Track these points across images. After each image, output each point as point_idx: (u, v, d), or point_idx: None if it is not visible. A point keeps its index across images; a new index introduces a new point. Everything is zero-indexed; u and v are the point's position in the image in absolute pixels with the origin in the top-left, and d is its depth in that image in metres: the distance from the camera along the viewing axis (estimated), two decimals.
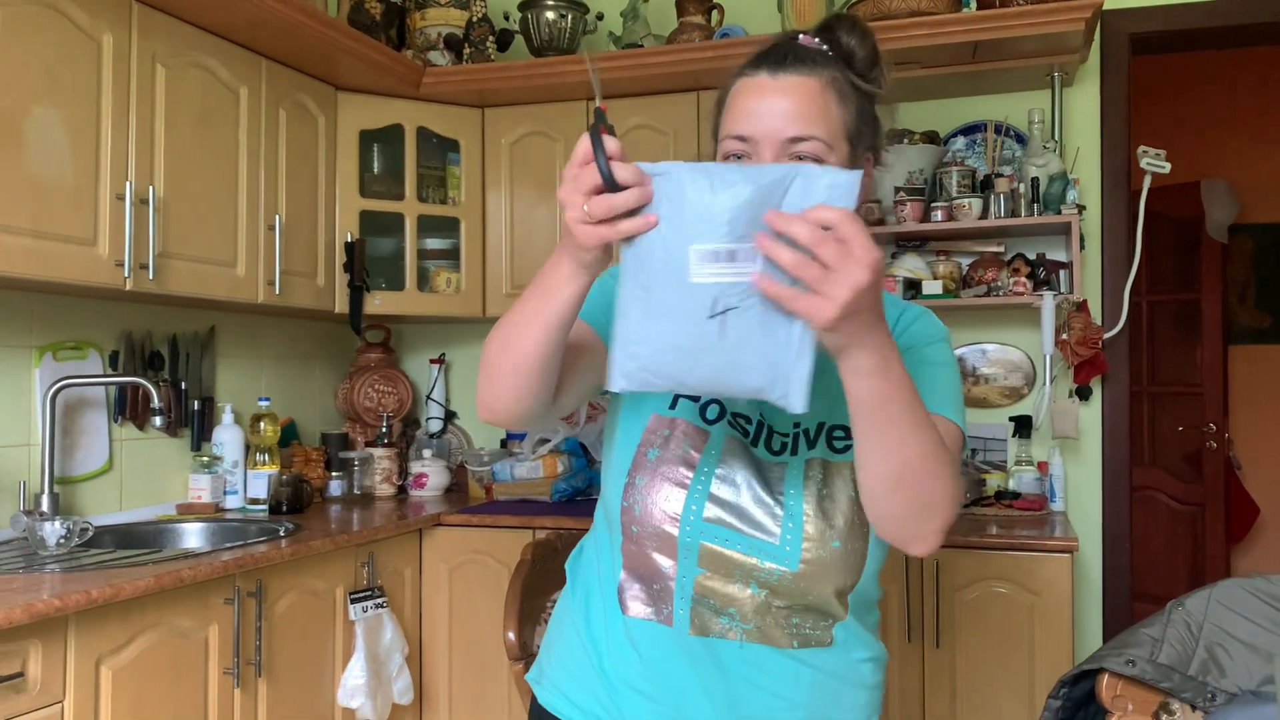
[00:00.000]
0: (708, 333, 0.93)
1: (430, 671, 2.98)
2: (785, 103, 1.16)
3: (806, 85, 1.16)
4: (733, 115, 1.19)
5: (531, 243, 3.34)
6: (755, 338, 0.93)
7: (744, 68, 1.21)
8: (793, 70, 1.17)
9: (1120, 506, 3.12)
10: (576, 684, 1.29)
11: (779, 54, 1.19)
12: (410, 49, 3.29)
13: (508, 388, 1.11)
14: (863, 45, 1.22)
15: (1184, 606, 1.35)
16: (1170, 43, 3.33)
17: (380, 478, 3.38)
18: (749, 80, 1.19)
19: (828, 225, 0.89)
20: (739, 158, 1.17)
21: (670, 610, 1.21)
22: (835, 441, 1.23)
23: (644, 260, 0.95)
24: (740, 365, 0.94)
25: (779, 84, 1.17)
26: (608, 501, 1.29)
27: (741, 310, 0.92)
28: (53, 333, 2.57)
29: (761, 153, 1.16)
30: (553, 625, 1.41)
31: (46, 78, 2.16)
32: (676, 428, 1.24)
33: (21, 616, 1.69)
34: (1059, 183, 2.92)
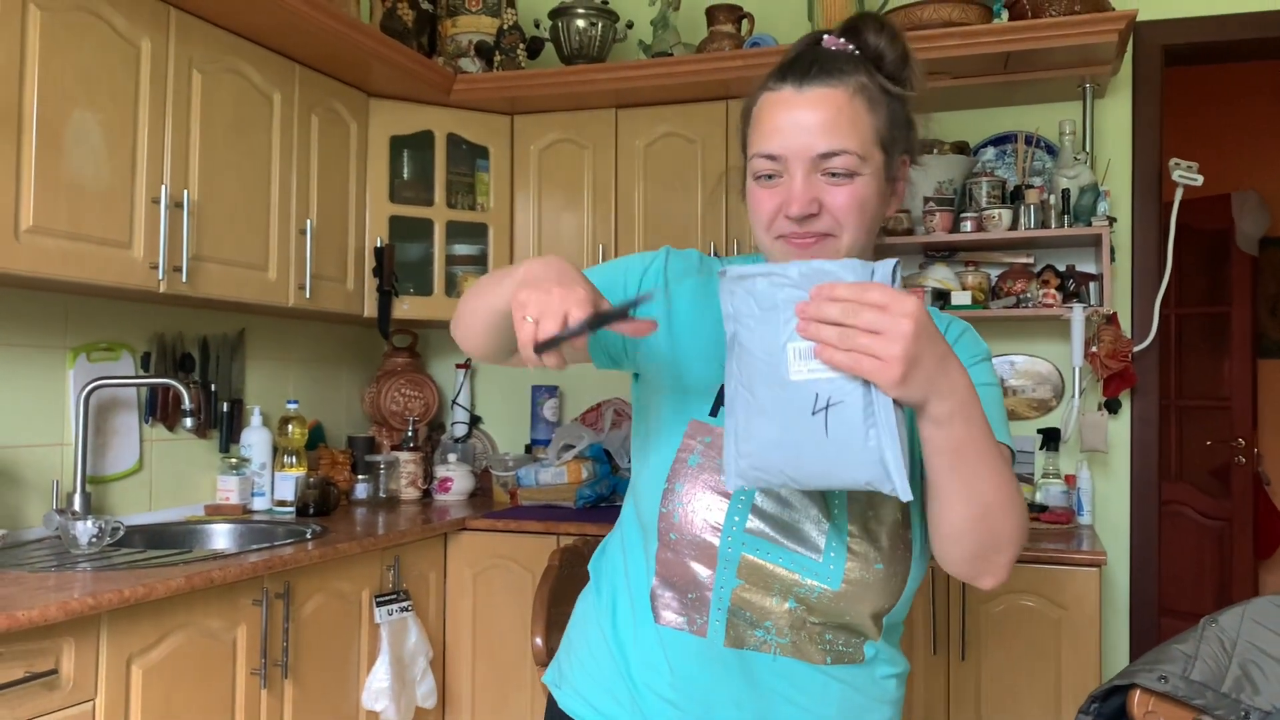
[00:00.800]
0: (813, 430, 0.94)
1: (454, 676, 2.99)
2: (813, 117, 1.13)
3: (834, 96, 1.13)
4: (760, 132, 1.17)
5: (559, 249, 3.35)
6: (859, 432, 0.93)
7: (769, 80, 1.18)
8: (819, 82, 1.14)
9: (1148, 521, 3.09)
10: (599, 688, 1.28)
11: (804, 64, 1.15)
12: (441, 56, 3.31)
13: (478, 340, 1.22)
14: (892, 46, 1.19)
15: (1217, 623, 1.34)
16: (1203, 55, 3.31)
17: (406, 481, 3.40)
18: (774, 95, 1.16)
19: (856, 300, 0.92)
20: (769, 177, 1.15)
21: (705, 621, 1.19)
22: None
23: (746, 361, 0.98)
24: (847, 460, 0.94)
25: (805, 98, 1.14)
26: (641, 506, 1.27)
27: (844, 405, 0.93)
28: (86, 334, 2.60)
29: (793, 170, 1.13)
30: (573, 626, 1.38)
31: (85, 83, 2.19)
32: (718, 434, 1.20)
33: (57, 614, 1.72)
34: (1090, 194, 2.91)
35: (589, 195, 3.32)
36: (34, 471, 2.44)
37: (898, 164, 1.19)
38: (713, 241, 3.16)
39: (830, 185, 1.13)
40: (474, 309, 1.20)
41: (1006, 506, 1.05)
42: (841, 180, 1.13)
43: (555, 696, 1.34)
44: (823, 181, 1.13)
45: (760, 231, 1.19)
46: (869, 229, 1.17)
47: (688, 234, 3.20)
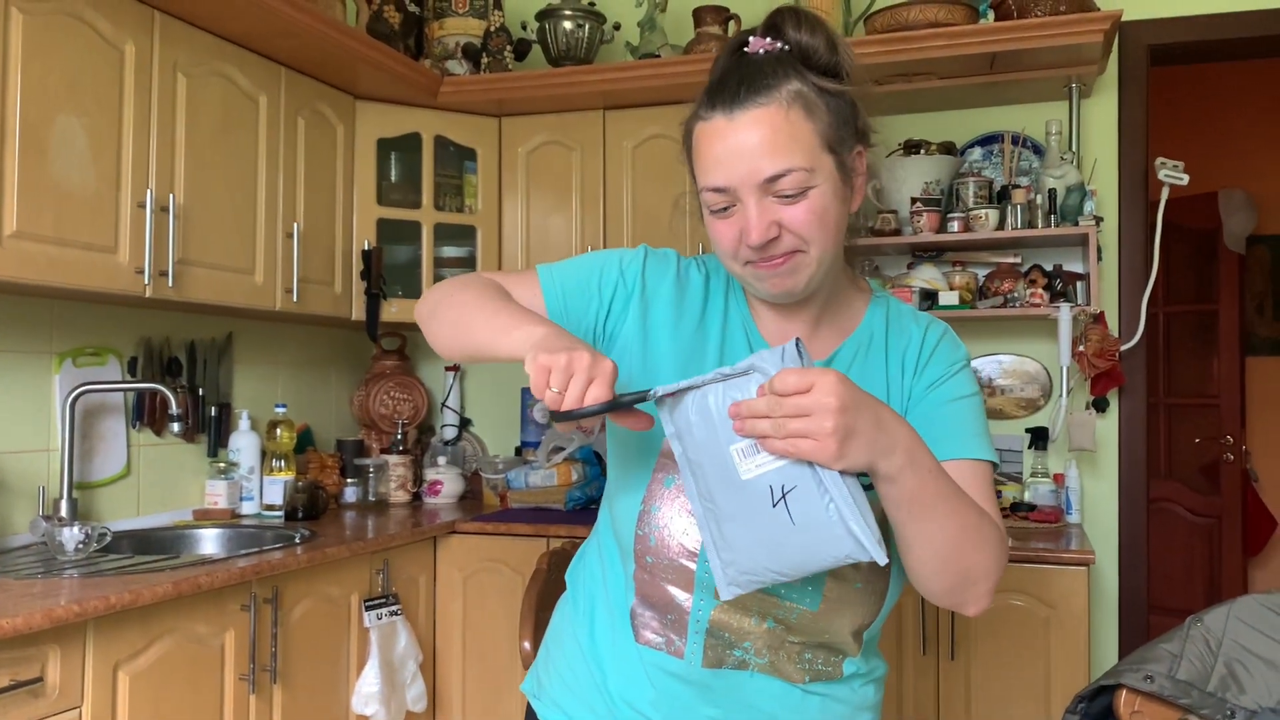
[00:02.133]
0: (780, 521, 0.96)
1: (444, 679, 2.99)
2: (750, 141, 1.09)
3: (768, 115, 1.09)
4: (702, 165, 1.14)
5: (547, 251, 3.35)
6: (819, 510, 0.95)
7: (700, 107, 1.14)
8: (749, 103, 1.09)
9: (1137, 519, 3.10)
10: (577, 701, 1.27)
11: (731, 87, 1.11)
12: (428, 58, 3.30)
13: (449, 349, 1.21)
14: (814, 36, 1.13)
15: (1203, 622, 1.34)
16: (1189, 54, 3.32)
17: (395, 485, 3.39)
18: (707, 125, 1.12)
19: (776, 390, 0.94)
20: (724, 209, 1.13)
21: (683, 643, 1.18)
22: (862, 477, 1.21)
23: (699, 474, 1.00)
24: (820, 540, 0.96)
25: (738, 123, 1.09)
26: (619, 525, 1.25)
27: (798, 490, 0.96)
28: (73, 339, 2.59)
29: (744, 199, 1.10)
30: (551, 636, 1.37)
31: (69, 87, 2.18)
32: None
33: (41, 621, 1.71)
34: (1076, 194, 2.91)
35: (577, 197, 3.32)
36: (20, 478, 2.43)
37: (852, 159, 1.15)
38: (701, 244, 3.16)
39: (785, 205, 1.10)
40: (456, 325, 1.18)
41: (976, 542, 1.06)
42: (795, 198, 1.10)
43: (534, 707, 1.33)
44: (776, 203, 1.10)
45: (727, 261, 1.18)
46: (835, 236, 1.15)
47: (677, 235, 3.19)
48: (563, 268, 1.27)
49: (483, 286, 1.19)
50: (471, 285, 1.20)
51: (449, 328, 1.19)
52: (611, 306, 1.24)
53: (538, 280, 1.25)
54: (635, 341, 1.23)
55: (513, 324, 1.09)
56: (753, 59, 1.13)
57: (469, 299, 1.17)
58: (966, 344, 1.29)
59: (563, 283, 1.25)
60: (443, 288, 1.24)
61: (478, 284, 1.20)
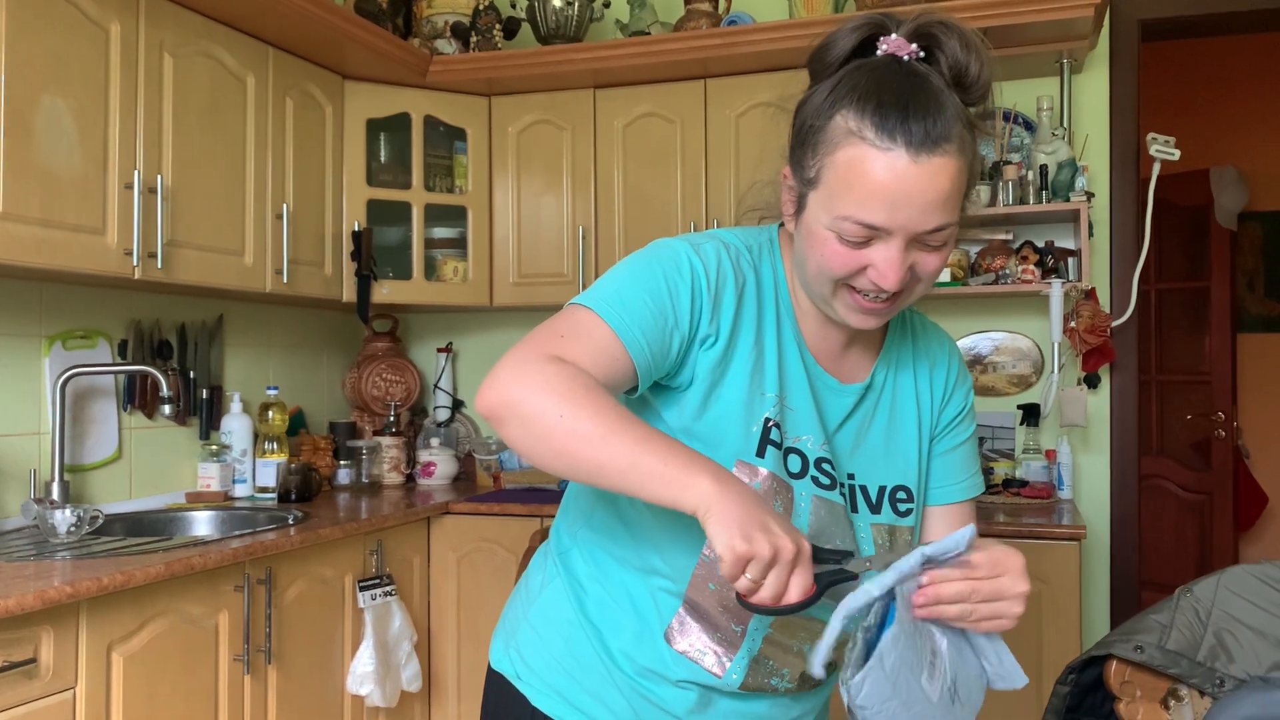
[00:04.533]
0: (953, 711, 1.04)
1: (439, 659, 2.99)
2: (931, 194, 1.00)
3: (949, 167, 1.01)
4: (857, 196, 1.01)
5: (539, 231, 3.34)
6: (973, 678, 1.06)
7: (867, 125, 1.00)
8: (936, 150, 1.00)
9: (1128, 495, 3.12)
10: (585, 693, 1.22)
11: (914, 121, 0.99)
12: (417, 37, 3.28)
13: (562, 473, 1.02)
14: (976, 62, 1.04)
15: (1192, 593, 1.35)
16: (1180, 29, 3.31)
17: (388, 466, 3.39)
18: (881, 155, 1.00)
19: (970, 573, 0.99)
20: (859, 243, 1.04)
21: (728, 661, 1.17)
22: (899, 504, 1.21)
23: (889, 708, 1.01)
24: (973, 700, 1.07)
25: (922, 169, 1.00)
26: (666, 553, 1.17)
27: (960, 674, 1.04)
28: (62, 321, 2.58)
29: (892, 243, 1.03)
30: (540, 617, 1.27)
31: (54, 67, 2.17)
32: (764, 478, 1.12)
33: (33, 603, 1.70)
34: (1067, 170, 2.91)
35: (568, 176, 3.31)
36: (11, 461, 2.42)
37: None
38: (693, 222, 3.15)
39: (923, 253, 1.06)
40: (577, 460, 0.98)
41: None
42: (936, 249, 1.06)
43: (524, 692, 1.25)
44: (917, 249, 1.05)
45: (820, 279, 1.09)
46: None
47: (668, 214, 3.19)
48: (628, 294, 1.08)
49: (587, 397, 0.99)
50: (573, 398, 0.98)
51: (565, 461, 0.99)
52: (693, 340, 1.12)
53: (610, 332, 1.06)
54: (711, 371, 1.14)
55: (672, 474, 0.94)
56: (922, 80, 1.02)
57: (585, 428, 0.97)
58: (959, 321, 1.31)
59: (641, 330, 1.07)
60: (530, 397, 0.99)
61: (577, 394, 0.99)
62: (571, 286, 3.28)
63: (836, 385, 1.19)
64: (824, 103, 1.05)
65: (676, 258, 1.11)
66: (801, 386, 1.16)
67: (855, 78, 1.04)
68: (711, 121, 3.15)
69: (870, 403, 1.22)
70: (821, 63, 1.09)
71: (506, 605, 1.38)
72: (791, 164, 1.10)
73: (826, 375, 1.19)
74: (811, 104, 1.07)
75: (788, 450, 1.14)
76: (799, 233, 1.11)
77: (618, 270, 1.13)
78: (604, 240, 3.27)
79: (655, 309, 1.08)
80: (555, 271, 3.32)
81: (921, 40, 1.05)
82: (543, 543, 1.37)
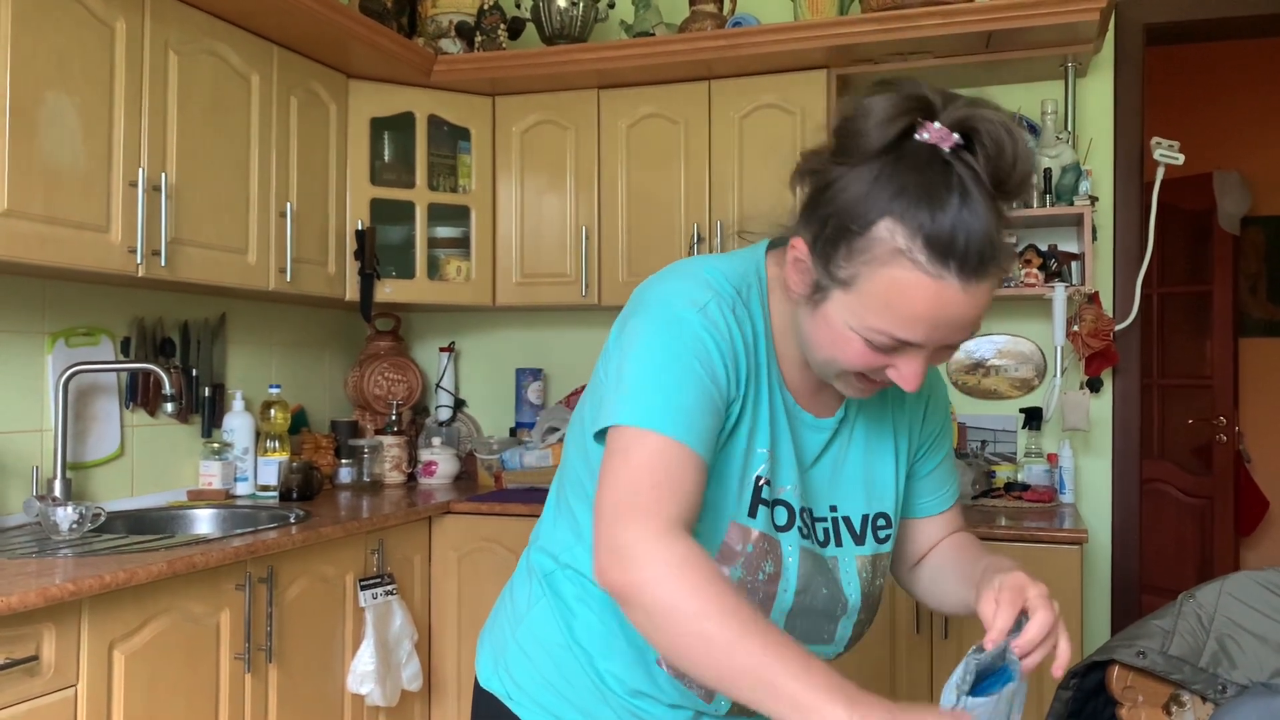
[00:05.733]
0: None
1: (439, 659, 2.99)
2: (969, 315, 0.99)
3: (989, 289, 0.99)
4: (899, 314, 0.98)
5: (542, 231, 3.34)
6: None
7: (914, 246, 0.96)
8: (985, 275, 0.97)
9: (1130, 499, 3.11)
10: (573, 709, 1.22)
11: (972, 250, 0.95)
12: (421, 37, 3.28)
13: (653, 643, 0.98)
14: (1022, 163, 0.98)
15: (1195, 598, 1.35)
16: (1184, 33, 3.31)
17: (389, 465, 3.39)
18: (932, 284, 0.96)
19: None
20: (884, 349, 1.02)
21: (715, 694, 1.17)
22: (879, 532, 1.22)
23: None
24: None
25: (969, 296, 0.97)
26: None
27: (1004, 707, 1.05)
28: (65, 319, 2.58)
29: (921, 352, 1.03)
30: (527, 635, 1.26)
31: (59, 64, 2.17)
32: (753, 540, 1.12)
33: (36, 600, 1.71)
34: (1071, 174, 2.91)
35: (572, 177, 3.31)
36: (14, 458, 2.43)
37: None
38: (696, 224, 3.15)
39: (939, 352, 1.05)
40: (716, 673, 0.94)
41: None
42: (951, 349, 1.05)
43: (516, 712, 1.25)
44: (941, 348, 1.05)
45: (832, 366, 1.07)
46: None
47: (671, 215, 3.19)
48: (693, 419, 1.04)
49: (715, 596, 0.94)
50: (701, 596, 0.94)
51: (688, 661, 0.95)
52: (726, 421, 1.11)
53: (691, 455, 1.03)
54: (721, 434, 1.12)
55: (801, 697, 0.88)
56: (968, 189, 0.96)
57: (713, 633, 0.93)
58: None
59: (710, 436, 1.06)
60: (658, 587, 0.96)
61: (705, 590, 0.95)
62: (574, 286, 3.28)
63: (813, 421, 1.18)
64: (863, 201, 0.98)
65: (700, 340, 1.06)
66: (784, 433, 1.15)
67: (900, 178, 0.97)
68: (715, 123, 3.15)
69: (845, 434, 1.21)
70: (854, 140, 1.00)
71: (491, 615, 1.36)
72: (814, 251, 1.03)
73: (804, 413, 1.18)
74: (847, 196, 0.99)
75: (775, 503, 1.13)
76: (812, 318, 1.06)
77: (653, 365, 1.05)
78: (607, 241, 3.27)
79: (710, 408, 1.05)
80: (558, 271, 3.32)
81: (962, 128, 0.98)
82: (525, 551, 1.34)
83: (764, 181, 3.07)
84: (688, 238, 3.16)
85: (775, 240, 1.18)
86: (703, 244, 3.14)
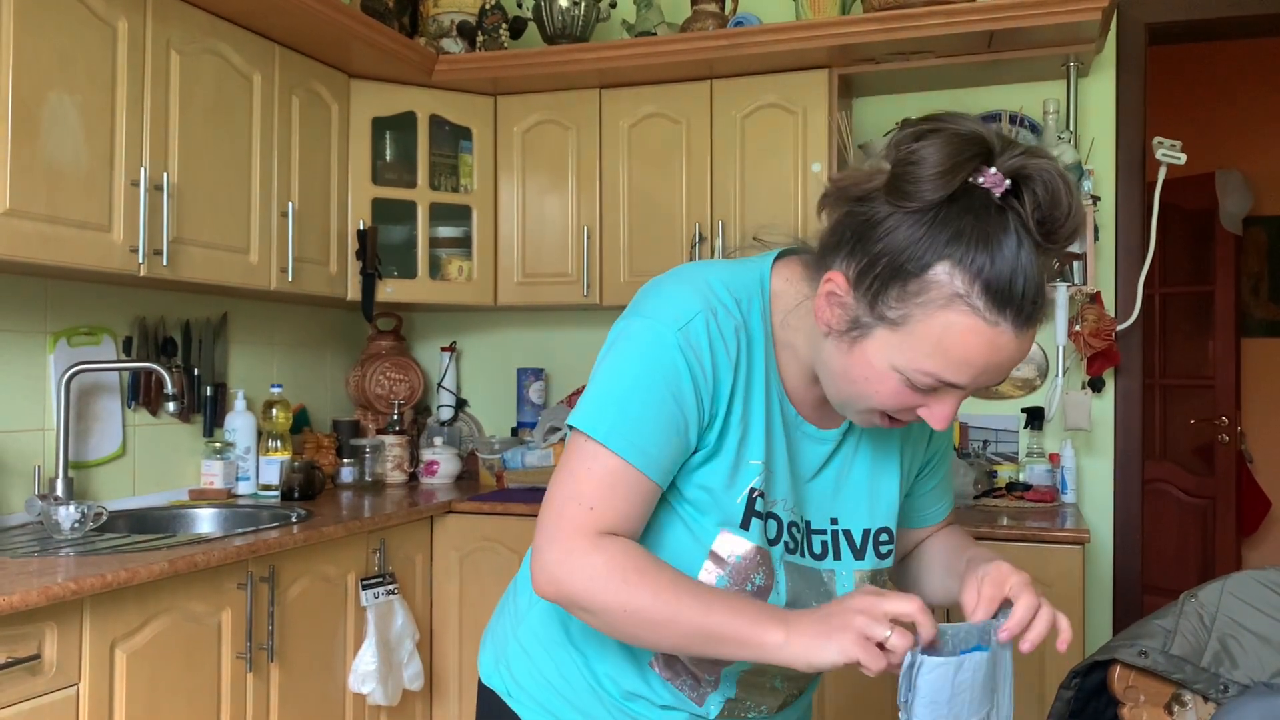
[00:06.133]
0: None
1: (441, 658, 3.00)
2: (1015, 359, 1.00)
3: (1035, 334, 1.01)
4: (950, 358, 0.98)
5: (543, 231, 3.34)
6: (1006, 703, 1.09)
7: (973, 291, 0.96)
8: (1035, 323, 1.00)
9: (1132, 499, 3.11)
10: (571, 708, 1.24)
11: (1028, 299, 0.97)
12: (423, 36, 3.28)
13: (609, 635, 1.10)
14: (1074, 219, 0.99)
15: (1196, 598, 1.35)
16: (1186, 33, 3.31)
17: (391, 465, 3.39)
18: (988, 330, 0.97)
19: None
20: (921, 390, 1.03)
21: (706, 694, 1.19)
22: (881, 547, 1.22)
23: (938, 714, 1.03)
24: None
25: (1020, 343, 0.99)
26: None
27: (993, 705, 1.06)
28: (67, 318, 2.58)
29: (957, 394, 1.04)
30: (528, 635, 1.28)
31: (61, 64, 2.17)
32: (744, 551, 1.12)
33: (38, 599, 1.71)
34: (1073, 173, 2.91)
35: (573, 176, 3.31)
36: (16, 457, 2.43)
37: None
38: (697, 223, 3.15)
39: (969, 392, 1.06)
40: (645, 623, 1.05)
41: None
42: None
43: (515, 709, 1.27)
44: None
45: (859, 404, 1.07)
46: None
47: (673, 215, 3.19)
48: (644, 437, 1.07)
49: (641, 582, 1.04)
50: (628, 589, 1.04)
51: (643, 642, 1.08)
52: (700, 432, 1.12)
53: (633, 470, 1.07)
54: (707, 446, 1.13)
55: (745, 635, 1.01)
56: (1019, 238, 0.97)
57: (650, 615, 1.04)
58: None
59: (660, 454, 1.09)
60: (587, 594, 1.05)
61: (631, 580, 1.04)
62: (575, 286, 3.28)
63: (815, 432, 1.18)
64: (919, 243, 0.97)
65: (674, 365, 1.07)
66: (780, 446, 1.15)
67: (956, 221, 0.97)
68: (717, 122, 3.15)
69: (850, 446, 1.20)
70: (910, 185, 0.98)
71: (495, 613, 1.39)
72: (857, 288, 1.02)
73: (806, 424, 1.17)
74: (900, 236, 0.98)
75: (767, 516, 1.14)
76: (847, 354, 1.05)
77: (618, 384, 1.09)
78: (608, 240, 3.27)
79: (668, 428, 1.08)
80: (559, 271, 3.32)
81: (1016, 176, 0.98)
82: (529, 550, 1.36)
83: (765, 181, 3.07)
84: (689, 237, 3.16)
85: (784, 251, 1.18)
86: (704, 244, 3.14)
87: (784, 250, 1.18)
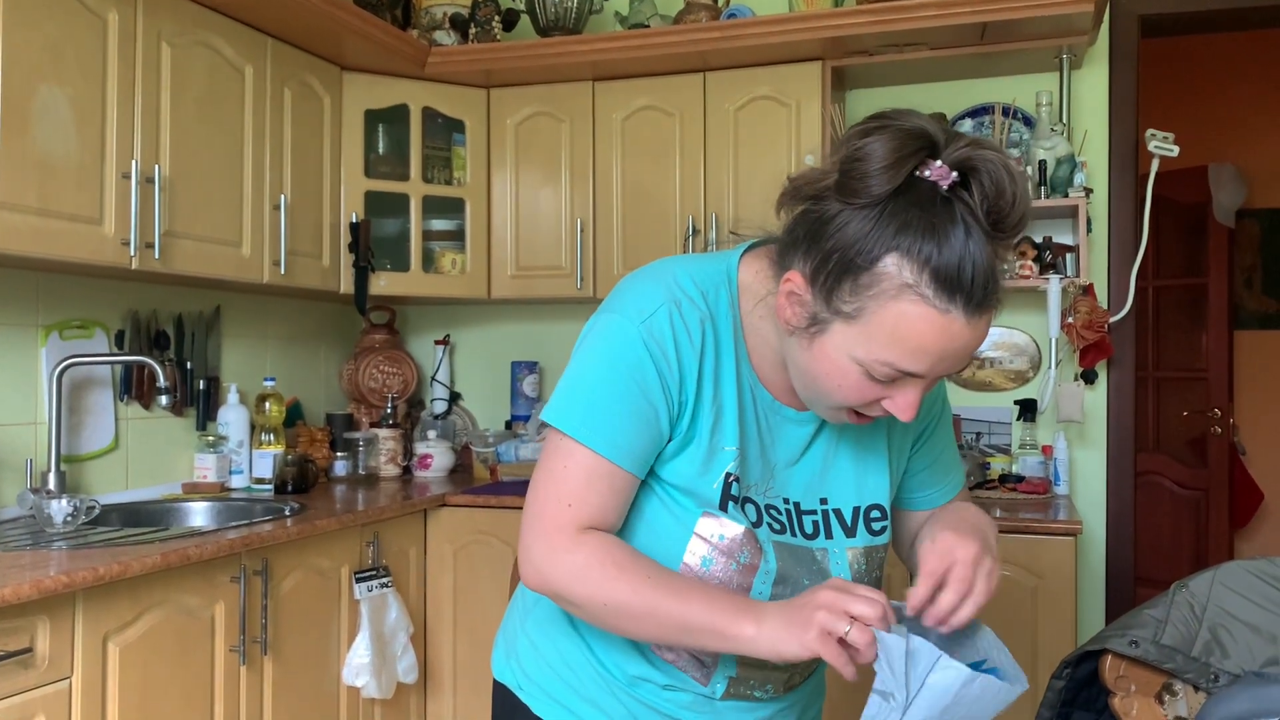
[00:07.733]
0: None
1: (435, 651, 3.00)
2: (970, 347, 1.02)
3: (989, 320, 1.02)
4: (906, 347, 1.00)
5: (537, 224, 3.34)
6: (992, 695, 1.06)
7: (921, 280, 0.98)
8: (987, 309, 1.01)
9: (1124, 491, 3.12)
10: (581, 700, 1.24)
11: (977, 284, 0.98)
12: (416, 29, 3.27)
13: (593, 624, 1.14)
14: (1020, 205, 1.00)
15: (1187, 588, 1.35)
16: (1179, 25, 3.31)
17: (385, 458, 3.39)
18: (939, 317, 0.98)
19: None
20: (884, 381, 1.04)
21: (710, 673, 1.20)
22: (873, 524, 1.22)
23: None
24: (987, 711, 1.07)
25: (972, 329, 1.00)
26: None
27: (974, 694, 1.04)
28: (59, 311, 2.58)
29: (919, 383, 1.05)
30: (536, 627, 1.29)
31: (52, 56, 2.16)
32: (727, 531, 1.14)
33: (30, 592, 1.70)
34: (1066, 166, 2.91)
35: (567, 169, 3.30)
36: (8, 450, 2.42)
37: None
38: (691, 216, 3.15)
39: (931, 382, 1.07)
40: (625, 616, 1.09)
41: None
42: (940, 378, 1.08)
43: (526, 702, 1.28)
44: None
45: (825, 400, 1.09)
46: None
47: (666, 207, 3.18)
48: (616, 430, 1.10)
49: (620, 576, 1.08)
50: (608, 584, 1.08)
51: (624, 633, 1.13)
52: (670, 423, 1.14)
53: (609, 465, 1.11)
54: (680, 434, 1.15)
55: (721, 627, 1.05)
56: (968, 225, 0.98)
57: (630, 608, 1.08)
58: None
59: (632, 446, 1.11)
60: (570, 589, 1.10)
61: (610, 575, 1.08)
62: (569, 279, 3.27)
63: (795, 415, 1.19)
64: (868, 237, 0.99)
65: (638, 358, 1.10)
66: (753, 432, 1.16)
67: (903, 214, 0.98)
68: (710, 115, 3.15)
69: (834, 426, 1.20)
70: (858, 181, 1.00)
71: (507, 612, 1.40)
72: (814, 285, 1.04)
73: (783, 408, 1.18)
74: (850, 231, 1.00)
75: (744, 500, 1.16)
76: (808, 350, 1.06)
77: (586, 379, 1.12)
78: (602, 233, 3.26)
79: (638, 419, 1.11)
80: (553, 264, 3.32)
81: (962, 168, 0.99)
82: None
83: (759, 173, 3.06)
84: (683, 230, 3.16)
85: (754, 243, 1.19)
86: (697, 236, 3.13)
87: (755, 242, 1.19)
